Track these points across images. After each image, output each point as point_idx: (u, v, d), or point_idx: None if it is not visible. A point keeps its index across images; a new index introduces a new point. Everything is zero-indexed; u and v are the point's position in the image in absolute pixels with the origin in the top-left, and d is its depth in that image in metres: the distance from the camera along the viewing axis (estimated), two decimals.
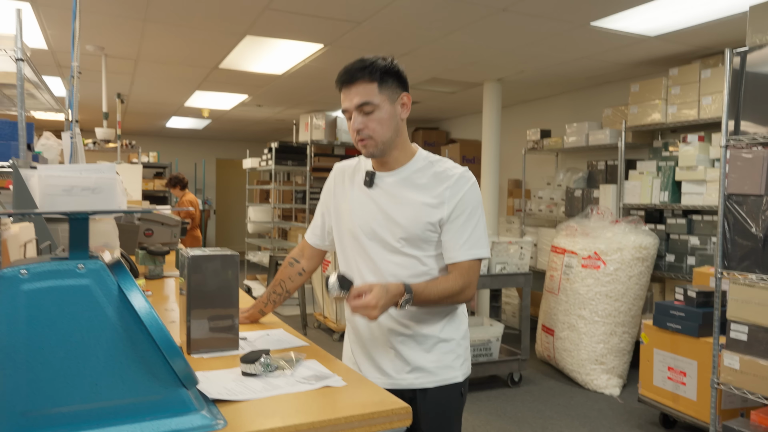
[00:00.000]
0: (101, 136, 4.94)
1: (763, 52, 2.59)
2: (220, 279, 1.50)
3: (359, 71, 1.47)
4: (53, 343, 0.92)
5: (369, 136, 1.50)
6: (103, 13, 3.73)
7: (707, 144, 4.18)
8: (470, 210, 1.52)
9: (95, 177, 1.42)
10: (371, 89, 1.48)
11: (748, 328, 2.60)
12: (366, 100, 1.48)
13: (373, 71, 1.47)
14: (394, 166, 1.57)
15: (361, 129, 1.49)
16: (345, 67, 1.50)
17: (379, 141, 1.50)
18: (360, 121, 1.49)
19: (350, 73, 1.48)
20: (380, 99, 1.49)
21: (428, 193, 1.52)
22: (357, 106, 1.48)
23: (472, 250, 1.51)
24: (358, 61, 1.49)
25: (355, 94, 1.48)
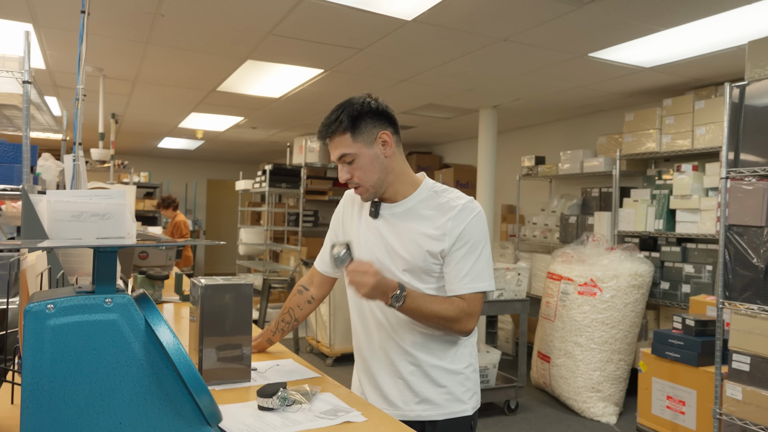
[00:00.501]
0: (97, 157, 4.91)
1: (761, 85, 2.65)
2: (234, 308, 1.49)
3: (330, 126, 1.50)
4: (78, 380, 0.89)
5: (357, 184, 1.53)
6: (105, 35, 3.73)
7: (701, 173, 4.23)
8: (473, 242, 1.49)
9: (105, 203, 1.40)
10: (345, 140, 1.49)
11: (751, 359, 2.61)
12: (343, 152, 1.50)
13: (342, 122, 1.48)
14: (397, 198, 1.57)
15: (349, 179, 1.52)
16: (323, 121, 1.53)
17: (368, 186, 1.52)
18: (346, 171, 1.52)
19: (323, 130, 1.52)
20: (355, 148, 1.49)
21: (431, 225, 1.51)
22: (339, 158, 1.51)
23: (473, 283, 1.48)
24: (332, 112, 1.51)
25: (333, 147, 1.52)
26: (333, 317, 5.30)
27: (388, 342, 1.55)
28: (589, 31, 3.39)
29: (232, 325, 1.49)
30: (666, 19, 3.18)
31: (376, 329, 1.57)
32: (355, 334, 1.67)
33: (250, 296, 1.51)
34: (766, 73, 2.63)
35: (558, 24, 3.29)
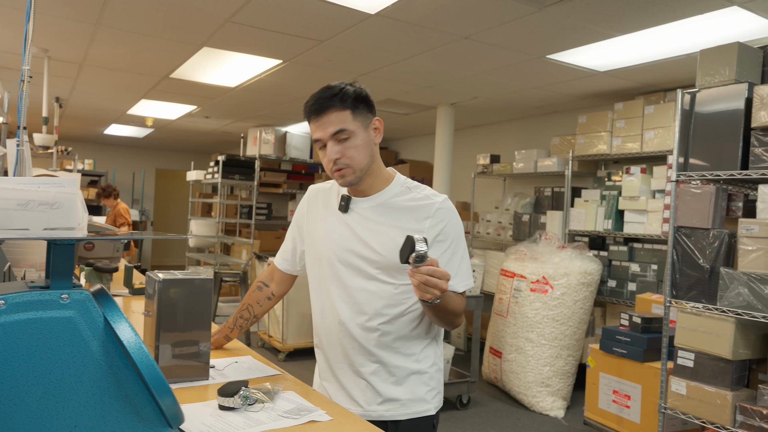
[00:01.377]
0: (40, 142, 4.67)
1: (711, 93, 2.76)
2: (193, 303, 1.43)
3: (330, 99, 1.43)
4: (31, 380, 0.84)
5: (347, 165, 1.45)
6: (52, 14, 3.55)
7: (649, 176, 4.38)
8: (456, 241, 1.50)
9: (54, 191, 1.32)
10: (344, 116, 1.43)
11: (695, 355, 2.72)
12: (341, 128, 1.43)
13: (345, 98, 1.43)
14: (369, 192, 1.53)
15: (338, 158, 1.44)
16: (314, 97, 1.45)
17: (357, 168, 1.46)
18: (336, 150, 1.43)
19: (321, 102, 1.43)
20: (354, 126, 1.44)
21: (406, 221, 1.48)
22: (332, 135, 1.43)
23: (465, 280, 1.50)
24: (325, 89, 1.45)
25: (328, 123, 1.43)
26: (286, 312, 5.23)
27: (351, 342, 1.51)
28: (549, 33, 3.45)
29: (190, 321, 1.43)
30: (623, 24, 3.27)
31: (338, 329, 1.53)
32: (317, 333, 1.62)
33: (210, 291, 1.46)
34: (716, 81, 2.74)
35: (519, 25, 3.34)
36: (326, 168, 1.48)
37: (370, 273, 1.49)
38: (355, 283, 1.51)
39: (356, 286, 1.51)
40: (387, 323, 1.50)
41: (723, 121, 2.68)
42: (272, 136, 7.08)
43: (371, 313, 1.49)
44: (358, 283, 1.50)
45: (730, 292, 2.53)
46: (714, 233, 2.68)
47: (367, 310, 1.50)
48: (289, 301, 5.23)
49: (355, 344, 1.51)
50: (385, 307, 1.49)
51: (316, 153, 8.43)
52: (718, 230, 2.68)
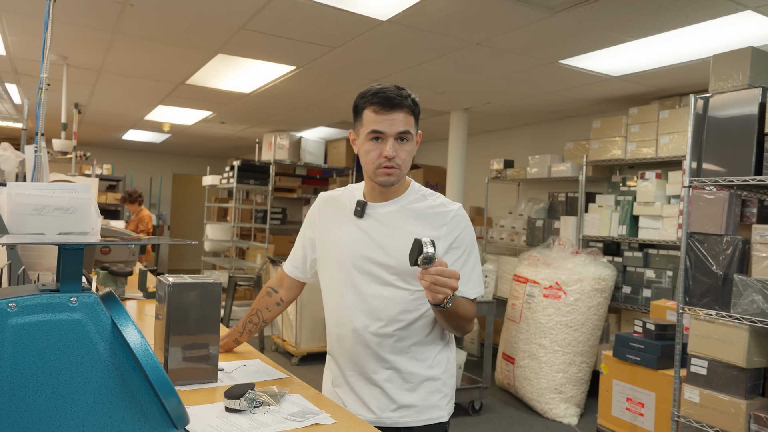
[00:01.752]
0: (59, 148, 4.76)
1: (724, 98, 2.73)
2: (202, 307, 1.45)
3: (405, 99, 1.44)
4: (40, 381, 0.86)
5: (398, 165, 1.46)
6: (70, 23, 3.62)
7: (664, 181, 4.35)
8: (469, 249, 1.51)
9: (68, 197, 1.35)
10: (410, 121, 1.46)
11: (708, 363, 2.69)
12: (407, 129, 1.45)
13: (415, 105, 1.47)
14: (390, 196, 1.54)
15: (394, 156, 1.45)
16: (384, 90, 1.44)
17: (402, 172, 1.49)
18: (395, 149, 1.45)
19: (397, 99, 1.43)
20: (413, 132, 1.48)
21: (422, 227, 1.49)
22: (398, 133, 1.44)
23: (476, 287, 1.51)
24: (397, 87, 1.46)
25: (398, 120, 1.44)
26: (299, 316, 5.26)
27: (366, 349, 1.52)
28: (560, 38, 3.45)
29: (200, 325, 1.46)
30: (635, 30, 3.26)
31: (353, 336, 1.53)
32: (330, 340, 1.63)
33: (219, 295, 1.48)
34: (729, 86, 2.72)
35: (531, 30, 3.34)
36: (371, 163, 1.47)
37: (385, 279, 1.50)
38: (370, 290, 1.51)
39: (372, 293, 1.51)
40: (402, 329, 1.50)
41: (736, 126, 2.65)
42: (287, 141, 7.13)
43: (387, 320, 1.50)
44: (374, 289, 1.51)
45: (743, 299, 2.50)
46: (727, 239, 2.65)
47: (382, 317, 1.50)
48: (302, 306, 5.26)
49: (369, 351, 1.52)
50: (400, 313, 1.50)
51: (331, 158, 8.43)
52: (731, 236, 2.65)
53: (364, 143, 1.48)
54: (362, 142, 1.49)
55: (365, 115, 1.47)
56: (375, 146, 1.46)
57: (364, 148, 1.48)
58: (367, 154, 1.48)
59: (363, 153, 1.49)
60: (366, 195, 1.58)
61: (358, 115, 1.51)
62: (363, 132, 1.48)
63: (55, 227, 1.32)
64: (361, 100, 1.49)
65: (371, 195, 1.56)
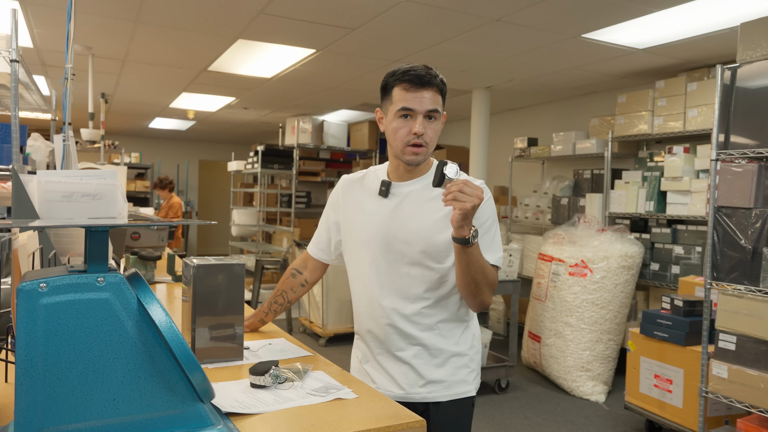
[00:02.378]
0: (87, 137, 4.87)
1: (752, 68, 2.66)
2: (227, 288, 1.49)
3: (435, 77, 1.46)
4: (71, 357, 0.90)
5: (426, 143, 1.48)
6: (93, 13, 3.68)
7: (692, 155, 4.26)
8: (489, 222, 1.51)
9: (96, 183, 1.39)
10: (439, 100, 1.48)
11: (737, 338, 2.65)
12: (436, 108, 1.47)
13: (442, 84, 1.49)
14: (415, 175, 1.56)
15: (423, 134, 1.46)
16: (414, 68, 1.46)
17: (429, 150, 1.50)
18: (424, 126, 1.46)
19: (427, 77, 1.45)
20: (441, 111, 1.50)
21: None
22: (428, 110, 1.46)
23: (495, 254, 1.50)
24: (426, 66, 1.47)
25: (428, 98, 1.46)
26: (326, 298, 5.32)
27: (393, 327, 1.54)
28: (582, 11, 3.38)
29: (225, 305, 1.49)
30: (659, 0, 3.17)
31: (381, 315, 1.56)
32: (358, 319, 1.66)
33: (242, 276, 1.52)
34: (758, 56, 2.64)
35: (551, 4, 3.28)
36: (400, 141, 1.49)
37: (412, 257, 1.51)
38: (396, 268, 1.53)
39: (398, 271, 1.53)
40: (429, 307, 1.53)
41: (766, 96, 2.58)
42: (309, 125, 7.16)
43: (414, 297, 1.52)
44: (400, 267, 1.53)
45: None
46: (756, 213, 2.60)
47: (409, 295, 1.52)
48: (328, 288, 5.32)
49: (397, 329, 1.54)
50: (426, 291, 1.52)
51: (354, 140, 8.45)
52: (761, 209, 2.60)
53: (393, 120, 1.49)
54: (391, 119, 1.50)
55: (395, 93, 1.49)
56: (404, 123, 1.48)
57: (393, 125, 1.50)
58: (396, 132, 1.49)
59: (391, 130, 1.51)
60: (390, 175, 1.60)
61: (387, 93, 1.51)
62: (392, 110, 1.49)
63: (84, 213, 1.37)
64: (391, 78, 1.50)
65: (396, 174, 1.58)
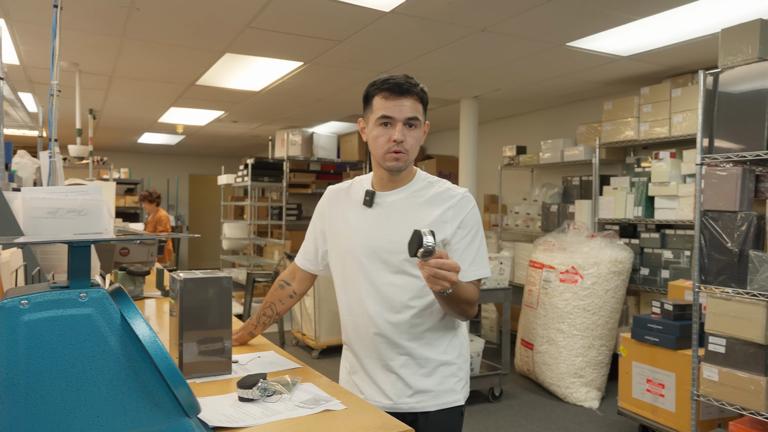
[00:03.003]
0: (75, 153, 4.85)
1: (734, 73, 2.69)
2: (214, 302, 1.49)
3: (415, 86, 1.50)
4: (54, 374, 0.90)
5: (406, 150, 1.50)
6: (79, 29, 3.68)
7: (679, 160, 4.29)
8: (474, 231, 1.53)
9: (81, 199, 1.39)
10: (419, 108, 1.51)
11: (726, 341, 2.66)
12: (416, 115, 1.50)
13: (423, 93, 1.52)
14: (398, 184, 1.57)
15: (402, 141, 1.49)
16: (394, 77, 1.49)
17: (410, 158, 1.52)
18: (404, 134, 1.49)
19: (407, 86, 1.48)
20: (422, 119, 1.53)
21: (430, 213, 1.52)
22: (406, 119, 1.49)
23: (479, 269, 1.52)
24: (404, 76, 1.50)
25: (407, 106, 1.49)
26: (318, 310, 5.30)
27: (380, 336, 1.55)
28: (566, 20, 3.42)
29: (212, 319, 1.49)
30: (642, 8, 3.22)
31: (367, 324, 1.56)
32: (345, 330, 1.66)
33: (230, 289, 1.51)
34: (739, 61, 2.68)
35: (536, 14, 3.31)
36: (380, 148, 1.51)
37: (397, 266, 1.52)
38: (382, 278, 1.54)
39: (384, 280, 1.54)
40: (416, 315, 1.53)
41: (748, 100, 2.61)
42: (299, 137, 7.17)
43: (399, 306, 1.53)
44: (386, 277, 1.54)
45: (760, 275, 2.47)
46: (742, 215, 2.62)
47: (395, 304, 1.53)
48: (320, 300, 5.31)
49: (384, 338, 1.54)
50: (412, 299, 1.53)
51: (344, 152, 8.44)
52: (746, 212, 2.62)
53: (374, 129, 1.52)
54: (371, 128, 1.53)
55: (375, 102, 1.52)
56: (384, 131, 1.50)
57: (374, 133, 1.52)
58: (376, 140, 1.52)
59: (372, 139, 1.53)
60: (374, 184, 1.61)
61: (368, 103, 1.55)
62: (372, 118, 1.53)
63: (70, 229, 1.36)
64: (371, 87, 1.54)
65: (380, 184, 1.59)
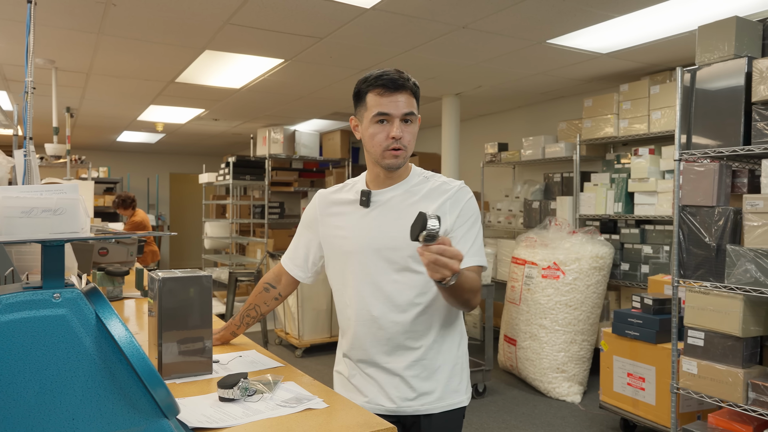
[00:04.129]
0: (51, 152, 4.76)
1: (711, 70, 2.73)
2: (193, 301, 1.47)
3: (408, 81, 1.46)
4: (27, 377, 0.87)
5: (405, 147, 1.47)
6: (54, 26, 3.62)
7: (657, 157, 4.35)
8: (472, 220, 1.51)
9: (56, 198, 1.36)
10: (414, 103, 1.48)
11: (705, 334, 2.70)
12: (412, 110, 1.47)
13: (416, 88, 1.49)
14: (394, 181, 1.54)
15: (401, 137, 1.45)
16: (387, 73, 1.46)
17: (408, 153, 1.50)
18: (401, 129, 1.45)
19: (401, 81, 1.45)
20: (416, 113, 1.50)
21: (428, 207, 1.48)
22: (404, 114, 1.45)
23: (478, 256, 1.48)
24: (396, 71, 1.47)
25: (403, 102, 1.45)
26: (301, 308, 5.28)
27: (385, 338, 1.51)
28: (546, 17, 3.44)
29: (192, 318, 1.47)
30: (620, 5, 3.24)
31: (371, 326, 1.52)
32: (346, 334, 1.61)
33: (210, 288, 1.49)
34: (715, 58, 2.71)
35: (516, 11, 3.32)
36: (378, 146, 1.47)
37: (399, 264, 1.49)
38: (386, 276, 1.50)
39: (387, 279, 1.50)
40: (421, 313, 1.50)
41: (724, 97, 2.65)
42: (281, 135, 7.13)
43: (405, 305, 1.49)
44: (389, 275, 1.50)
45: (737, 269, 2.51)
46: (719, 210, 2.66)
47: (400, 302, 1.49)
48: (303, 298, 5.28)
49: (388, 339, 1.51)
50: (417, 296, 1.49)
51: (327, 150, 8.40)
52: (723, 207, 2.66)
53: (370, 126, 1.48)
54: (367, 125, 1.49)
55: (369, 99, 1.47)
56: (381, 128, 1.47)
57: (370, 131, 1.48)
58: (373, 138, 1.48)
59: (369, 137, 1.49)
60: (369, 183, 1.58)
61: (361, 100, 1.50)
62: (368, 116, 1.48)
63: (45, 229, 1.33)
64: (363, 84, 1.49)
65: (375, 182, 1.56)
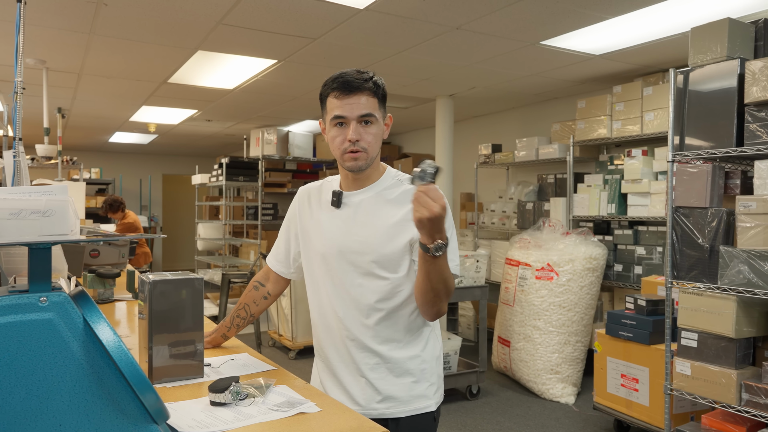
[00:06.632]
0: (42, 153, 4.72)
1: (703, 71, 2.73)
2: (185, 304, 1.45)
3: (366, 81, 1.43)
4: (13, 382, 0.86)
5: (364, 149, 1.45)
6: (45, 26, 3.58)
7: (651, 158, 4.36)
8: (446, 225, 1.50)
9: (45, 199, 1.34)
10: (373, 103, 1.46)
11: (698, 335, 2.70)
12: (370, 112, 1.44)
13: (377, 86, 1.46)
14: (365, 183, 1.53)
15: (359, 140, 1.44)
16: (345, 75, 1.44)
17: (370, 155, 1.47)
18: (359, 132, 1.44)
19: (356, 82, 1.42)
20: (378, 115, 1.47)
21: (399, 211, 1.48)
22: (360, 116, 1.43)
23: (451, 263, 1.44)
24: (358, 71, 1.45)
25: (358, 104, 1.43)
26: (294, 310, 5.26)
27: (350, 339, 1.51)
28: (539, 19, 3.44)
29: (184, 321, 1.45)
30: (613, 7, 3.25)
31: (337, 327, 1.53)
32: (315, 331, 1.62)
33: (201, 291, 1.48)
34: (708, 59, 2.72)
35: (509, 12, 3.32)
36: (338, 148, 1.47)
37: (364, 268, 1.49)
38: (349, 279, 1.50)
39: (352, 282, 1.50)
40: (384, 318, 1.50)
41: (717, 98, 2.66)
42: (274, 136, 7.10)
43: (367, 309, 1.49)
44: (353, 279, 1.50)
45: (730, 270, 2.52)
46: (712, 212, 2.66)
47: (362, 306, 1.49)
48: (297, 300, 5.26)
49: (354, 341, 1.51)
50: (379, 301, 1.49)
51: (320, 151, 8.36)
52: (716, 209, 2.66)
53: (330, 130, 1.49)
54: (328, 129, 1.50)
55: (328, 102, 1.47)
56: (339, 131, 1.46)
57: (330, 134, 1.49)
58: (333, 140, 1.48)
59: (330, 140, 1.50)
60: (342, 184, 1.57)
61: (323, 103, 1.51)
62: (327, 119, 1.49)
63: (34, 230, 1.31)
64: (324, 87, 1.49)
65: (346, 184, 1.56)
